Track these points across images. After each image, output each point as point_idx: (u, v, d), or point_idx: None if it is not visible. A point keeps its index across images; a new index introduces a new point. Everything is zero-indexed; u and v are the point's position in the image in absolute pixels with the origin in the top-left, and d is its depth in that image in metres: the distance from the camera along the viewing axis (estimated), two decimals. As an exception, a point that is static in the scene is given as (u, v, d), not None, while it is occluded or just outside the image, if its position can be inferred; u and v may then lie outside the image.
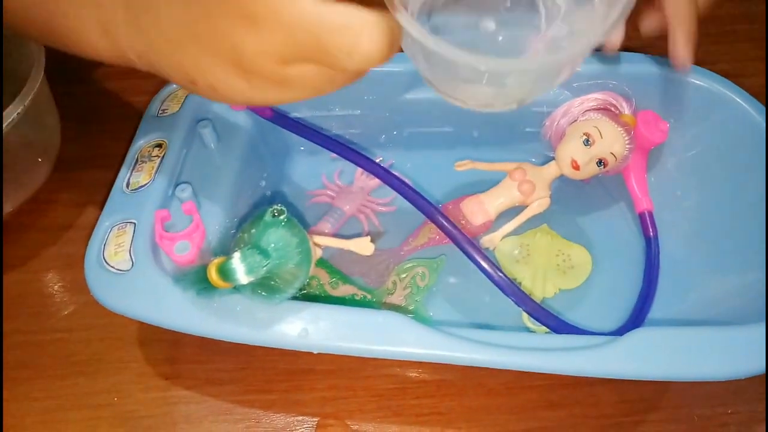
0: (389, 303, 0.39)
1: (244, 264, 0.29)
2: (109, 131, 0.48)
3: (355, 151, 0.41)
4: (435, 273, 0.40)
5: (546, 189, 0.41)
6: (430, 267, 0.41)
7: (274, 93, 0.24)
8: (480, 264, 0.36)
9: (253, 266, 0.29)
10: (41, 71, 0.39)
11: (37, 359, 0.38)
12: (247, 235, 0.31)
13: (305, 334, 0.32)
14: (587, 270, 0.41)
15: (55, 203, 0.45)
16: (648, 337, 0.31)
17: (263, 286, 0.31)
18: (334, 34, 0.21)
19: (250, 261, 0.29)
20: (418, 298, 0.39)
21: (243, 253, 0.30)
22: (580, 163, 0.39)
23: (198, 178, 0.38)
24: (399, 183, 0.40)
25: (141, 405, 0.36)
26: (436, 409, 0.36)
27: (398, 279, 0.40)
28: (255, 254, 0.30)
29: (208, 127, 0.40)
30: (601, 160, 0.39)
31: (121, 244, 0.34)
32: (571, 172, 0.40)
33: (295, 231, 0.31)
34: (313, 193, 0.45)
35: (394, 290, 0.40)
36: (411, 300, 0.39)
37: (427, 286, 0.40)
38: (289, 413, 0.36)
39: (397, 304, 0.39)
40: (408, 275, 0.40)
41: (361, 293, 0.39)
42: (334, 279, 0.40)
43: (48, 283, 0.41)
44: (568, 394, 0.36)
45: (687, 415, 0.35)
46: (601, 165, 0.39)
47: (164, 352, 0.38)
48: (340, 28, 0.21)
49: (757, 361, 0.31)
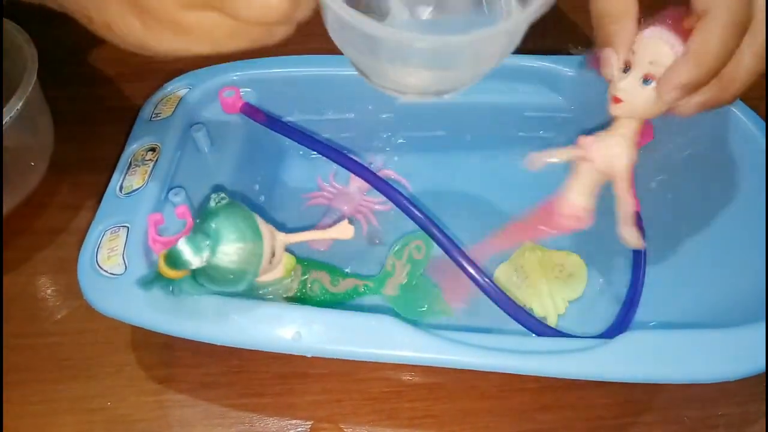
0: (392, 284, 0.39)
1: (189, 245, 0.29)
2: (102, 135, 0.48)
3: (346, 156, 0.42)
4: (429, 247, 0.40)
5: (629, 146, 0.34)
6: (425, 239, 0.40)
7: (170, 39, 0.24)
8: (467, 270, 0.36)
9: (197, 245, 0.29)
10: (34, 75, 0.39)
11: (30, 363, 0.38)
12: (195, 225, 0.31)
13: (298, 337, 0.32)
14: (584, 274, 0.41)
15: (48, 207, 0.45)
16: (638, 339, 0.32)
17: (218, 271, 0.30)
18: None
19: (192, 242, 0.29)
20: (420, 271, 0.39)
21: (186, 237, 0.30)
22: (620, 95, 0.33)
23: (191, 182, 0.38)
24: (386, 187, 0.40)
25: (134, 409, 0.36)
26: (430, 412, 0.36)
27: (395, 260, 0.40)
28: (196, 234, 0.30)
29: (201, 131, 0.40)
30: (646, 77, 0.32)
31: (115, 248, 0.34)
32: (622, 110, 0.33)
33: (237, 211, 0.31)
34: (309, 196, 0.45)
35: (393, 271, 0.40)
36: (414, 275, 0.39)
37: (426, 257, 0.40)
38: (282, 417, 0.36)
39: (401, 283, 0.39)
40: (405, 253, 0.40)
41: (363, 283, 0.39)
42: (334, 277, 0.40)
43: (41, 286, 0.41)
44: (560, 396, 0.36)
45: (677, 416, 0.35)
46: (650, 82, 0.32)
47: (158, 356, 0.38)
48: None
49: (747, 363, 0.31)
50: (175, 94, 0.43)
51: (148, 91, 0.44)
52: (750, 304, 0.35)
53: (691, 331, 0.32)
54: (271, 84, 0.43)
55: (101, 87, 0.53)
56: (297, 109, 0.45)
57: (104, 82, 0.53)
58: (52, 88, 0.43)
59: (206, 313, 0.32)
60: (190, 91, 0.43)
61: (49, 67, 0.40)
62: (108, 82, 0.53)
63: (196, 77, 0.44)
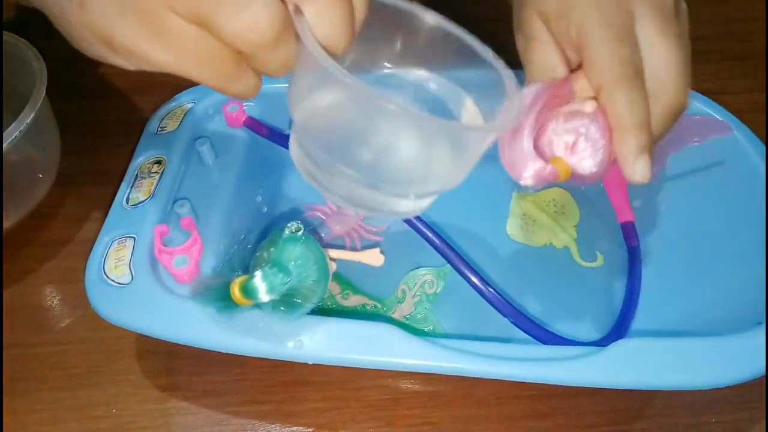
0: (399, 311, 0.40)
1: (265, 283, 0.30)
2: (108, 148, 0.48)
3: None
4: (442, 280, 0.41)
5: None
6: (437, 274, 0.41)
7: (144, 43, 0.23)
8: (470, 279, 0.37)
9: (274, 285, 0.30)
10: (43, 90, 0.40)
11: (36, 372, 0.38)
12: (266, 253, 0.32)
13: (300, 345, 0.32)
14: (572, 198, 0.45)
15: (55, 218, 0.46)
16: (632, 347, 0.32)
17: (283, 302, 0.31)
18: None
19: (271, 280, 0.30)
20: (428, 306, 0.40)
21: (264, 272, 0.30)
22: None
23: (196, 194, 0.39)
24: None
25: (139, 416, 0.37)
26: (428, 419, 0.36)
27: (407, 288, 0.41)
28: (276, 273, 0.30)
29: (205, 145, 0.41)
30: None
31: (122, 258, 0.35)
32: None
33: (313, 248, 0.32)
34: (310, 207, 0.46)
35: (404, 299, 0.41)
36: (421, 308, 0.40)
37: (435, 294, 0.41)
38: (284, 424, 0.36)
39: (407, 313, 0.40)
40: (417, 284, 0.41)
41: (372, 303, 0.40)
42: (345, 291, 0.41)
43: (47, 296, 0.42)
44: (556, 404, 0.37)
45: (671, 424, 0.36)
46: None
47: (161, 364, 0.39)
48: (232, 19, 0.21)
49: (739, 370, 0.32)
50: (181, 108, 0.44)
51: (154, 105, 0.45)
52: (742, 312, 0.36)
53: (684, 339, 0.33)
54: (274, 98, 0.44)
55: (108, 100, 0.53)
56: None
57: (111, 95, 0.54)
58: (59, 101, 0.44)
59: (209, 322, 0.33)
60: (195, 106, 0.44)
61: (56, 80, 0.41)
62: (115, 96, 0.54)
63: (201, 92, 0.45)
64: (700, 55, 0.56)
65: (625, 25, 0.30)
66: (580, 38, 0.30)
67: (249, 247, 0.39)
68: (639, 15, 0.31)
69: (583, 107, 0.31)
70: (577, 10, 0.31)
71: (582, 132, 0.31)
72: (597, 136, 0.30)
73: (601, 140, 0.30)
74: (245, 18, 0.22)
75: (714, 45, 0.58)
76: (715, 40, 0.59)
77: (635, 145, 0.29)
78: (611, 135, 0.30)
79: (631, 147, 0.29)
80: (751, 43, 0.58)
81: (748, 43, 0.58)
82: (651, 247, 0.42)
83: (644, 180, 0.29)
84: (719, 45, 0.58)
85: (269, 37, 0.22)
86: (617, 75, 0.29)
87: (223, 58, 0.24)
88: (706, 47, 0.58)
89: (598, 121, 0.31)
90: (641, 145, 0.29)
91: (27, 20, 0.56)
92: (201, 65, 0.24)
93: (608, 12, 0.30)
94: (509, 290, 0.40)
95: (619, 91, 0.29)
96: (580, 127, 0.31)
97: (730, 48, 0.58)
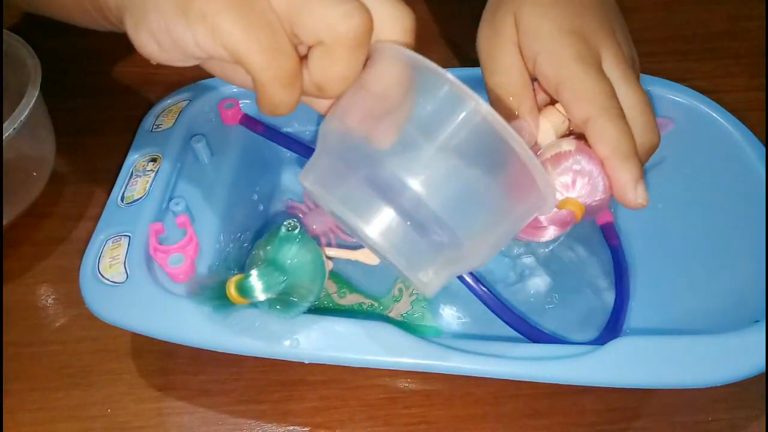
0: (396, 310, 0.40)
1: (261, 281, 0.30)
2: (103, 145, 0.48)
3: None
4: None
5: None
6: None
7: (222, 8, 0.22)
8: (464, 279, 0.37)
9: (270, 283, 0.30)
10: (37, 87, 0.39)
11: (30, 371, 0.38)
12: (262, 251, 0.32)
13: (296, 344, 0.32)
14: None
15: (49, 217, 0.45)
16: (630, 345, 0.32)
17: (279, 301, 0.31)
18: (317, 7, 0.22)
19: (267, 278, 0.30)
20: (424, 304, 0.40)
21: (260, 271, 0.30)
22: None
23: (191, 192, 0.39)
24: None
25: (134, 416, 0.36)
26: (425, 418, 0.36)
27: (404, 286, 0.41)
28: (272, 272, 0.30)
29: (201, 142, 0.41)
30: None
31: (116, 257, 0.35)
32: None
33: (310, 246, 0.32)
34: (291, 204, 0.45)
35: (400, 297, 0.40)
36: (417, 306, 0.40)
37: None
38: (280, 423, 0.36)
39: (404, 311, 0.40)
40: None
41: (368, 301, 0.40)
42: (342, 289, 0.40)
43: (41, 295, 0.42)
44: (554, 403, 0.37)
45: (669, 422, 0.36)
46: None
47: (157, 364, 0.38)
48: (326, 6, 0.22)
49: (737, 368, 0.32)
50: (176, 106, 0.44)
51: (149, 103, 0.45)
52: (741, 310, 0.36)
53: (682, 338, 0.33)
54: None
55: (103, 98, 0.53)
56: (295, 120, 0.46)
57: (106, 93, 0.53)
58: (53, 98, 0.44)
59: (205, 321, 0.33)
60: (190, 103, 0.44)
61: (51, 78, 0.41)
62: (109, 94, 0.53)
63: (196, 89, 0.45)
64: (699, 54, 0.57)
65: (598, 64, 0.32)
66: (559, 71, 0.31)
67: (245, 245, 0.39)
68: (604, 58, 0.32)
69: (561, 147, 0.32)
70: (546, 42, 0.32)
71: (576, 169, 0.31)
72: (590, 167, 0.31)
73: (596, 168, 0.31)
74: (343, 8, 0.22)
75: (713, 44, 0.58)
76: (715, 39, 0.58)
77: (635, 172, 0.30)
78: (600, 162, 0.31)
79: (632, 173, 0.30)
80: (750, 42, 0.58)
81: (747, 42, 0.58)
82: (649, 245, 0.42)
83: (646, 203, 0.30)
84: (718, 44, 0.58)
85: (358, 32, 0.22)
86: (607, 106, 0.30)
87: (290, 54, 0.23)
88: (705, 46, 0.58)
89: (584, 153, 0.32)
90: (639, 170, 0.30)
91: (21, 18, 0.56)
92: (266, 52, 0.23)
93: (581, 50, 0.31)
94: (506, 292, 0.40)
95: (610, 121, 0.30)
96: (573, 165, 0.31)
97: (730, 47, 0.58)
